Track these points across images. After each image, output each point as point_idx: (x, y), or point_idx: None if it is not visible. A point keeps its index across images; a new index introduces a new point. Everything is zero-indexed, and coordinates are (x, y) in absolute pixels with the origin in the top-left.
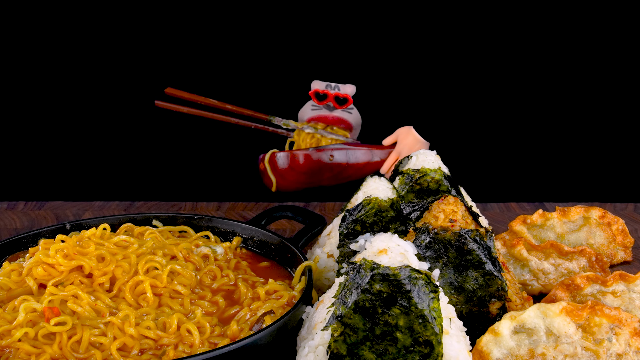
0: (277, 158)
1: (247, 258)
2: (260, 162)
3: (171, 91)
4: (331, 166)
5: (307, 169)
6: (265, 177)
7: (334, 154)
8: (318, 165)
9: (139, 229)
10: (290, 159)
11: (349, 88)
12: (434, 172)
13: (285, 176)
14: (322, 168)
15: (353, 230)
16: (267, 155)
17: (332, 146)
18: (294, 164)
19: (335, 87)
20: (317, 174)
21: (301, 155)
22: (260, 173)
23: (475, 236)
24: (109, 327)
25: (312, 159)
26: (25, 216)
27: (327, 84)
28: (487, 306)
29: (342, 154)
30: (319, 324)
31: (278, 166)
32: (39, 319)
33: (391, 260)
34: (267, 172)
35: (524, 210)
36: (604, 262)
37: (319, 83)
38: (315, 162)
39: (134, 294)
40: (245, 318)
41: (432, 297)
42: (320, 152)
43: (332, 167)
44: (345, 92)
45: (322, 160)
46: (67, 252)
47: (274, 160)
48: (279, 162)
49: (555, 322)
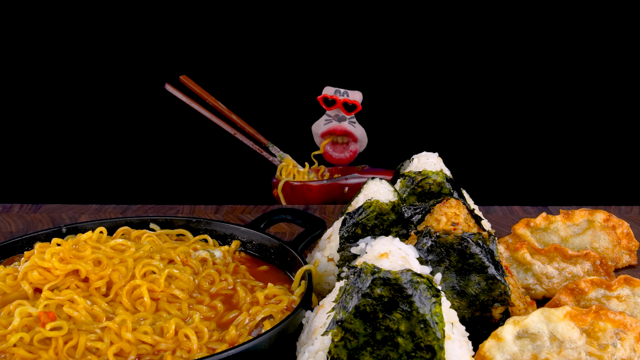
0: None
1: (245, 262)
2: (274, 188)
3: (185, 80)
4: (345, 198)
5: (319, 200)
6: (279, 203)
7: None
8: (332, 197)
9: (136, 232)
10: (304, 190)
11: (358, 95)
12: (435, 175)
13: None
14: (337, 200)
15: (354, 233)
16: (281, 184)
17: (345, 178)
18: (307, 196)
19: (344, 92)
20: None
21: (314, 188)
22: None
23: (477, 240)
24: (106, 332)
25: (325, 190)
26: (21, 219)
27: (336, 89)
28: (490, 311)
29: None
30: (319, 328)
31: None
32: (35, 324)
33: (392, 264)
34: (279, 200)
35: (527, 214)
36: (608, 266)
37: (329, 89)
38: (329, 194)
39: (131, 298)
40: (244, 323)
41: (434, 302)
42: (335, 184)
43: (346, 198)
44: (354, 98)
45: (336, 192)
46: (63, 256)
47: (287, 189)
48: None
49: (559, 327)
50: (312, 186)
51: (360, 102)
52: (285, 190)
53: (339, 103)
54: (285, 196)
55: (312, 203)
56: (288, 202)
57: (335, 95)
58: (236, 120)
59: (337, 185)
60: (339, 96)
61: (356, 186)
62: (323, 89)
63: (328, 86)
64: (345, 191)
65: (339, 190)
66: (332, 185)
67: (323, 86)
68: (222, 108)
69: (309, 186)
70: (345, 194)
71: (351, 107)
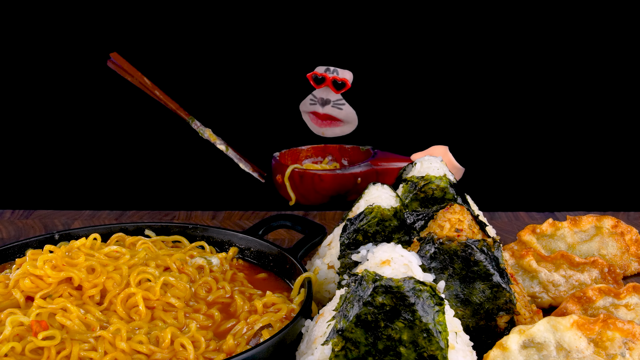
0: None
1: (243, 269)
2: (278, 174)
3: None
4: (358, 188)
5: (332, 192)
6: (283, 190)
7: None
8: (345, 188)
9: (131, 239)
10: (314, 180)
11: (348, 74)
12: (439, 180)
13: (306, 196)
14: (350, 191)
15: (354, 240)
16: (288, 171)
17: (359, 166)
18: (318, 187)
19: (334, 70)
20: (342, 196)
21: (326, 178)
22: (276, 184)
23: (482, 246)
24: (100, 341)
25: (338, 181)
26: (12, 225)
27: (326, 67)
28: (495, 319)
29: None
30: (319, 338)
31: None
32: (26, 333)
33: (394, 272)
34: (285, 188)
35: (533, 220)
36: (616, 273)
37: (320, 68)
38: (341, 185)
39: (125, 306)
40: (242, 332)
41: (437, 310)
42: (348, 174)
43: (359, 189)
44: (343, 76)
45: (349, 183)
46: (55, 263)
47: (296, 178)
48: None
49: (566, 336)
50: (324, 176)
51: (350, 81)
52: (294, 179)
53: (328, 81)
54: (292, 185)
55: (324, 194)
56: (295, 191)
57: (325, 73)
58: (159, 96)
59: (350, 176)
60: (329, 74)
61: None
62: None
63: (320, 65)
64: (358, 181)
65: (352, 180)
66: (344, 175)
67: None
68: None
69: (321, 176)
70: (358, 185)
71: (340, 85)
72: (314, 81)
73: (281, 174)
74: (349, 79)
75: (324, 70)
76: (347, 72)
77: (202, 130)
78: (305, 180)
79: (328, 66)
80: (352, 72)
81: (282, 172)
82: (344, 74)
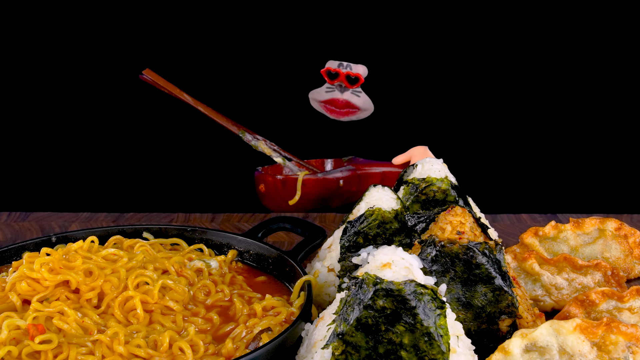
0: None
1: (243, 272)
2: (260, 183)
3: (149, 74)
4: (341, 192)
5: (315, 195)
6: (266, 200)
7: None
8: (328, 192)
9: (129, 241)
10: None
11: (361, 68)
12: (440, 182)
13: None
14: (333, 194)
15: (355, 242)
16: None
17: (340, 170)
18: (302, 190)
19: (347, 66)
20: (326, 201)
21: (309, 182)
22: (259, 194)
23: (484, 249)
24: (97, 345)
25: (321, 185)
26: (8, 228)
27: (339, 63)
28: (497, 323)
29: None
30: (319, 342)
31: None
32: (23, 337)
33: (395, 275)
34: (267, 196)
35: (535, 222)
36: (620, 276)
37: (333, 62)
38: (324, 188)
39: (123, 310)
40: (241, 336)
41: (438, 314)
42: (330, 178)
43: (342, 193)
44: (357, 71)
45: (332, 186)
46: (52, 266)
47: (279, 185)
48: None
49: (569, 340)
50: (306, 180)
51: (364, 75)
52: (277, 187)
53: (342, 76)
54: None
55: (308, 198)
56: (279, 198)
57: (339, 69)
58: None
59: (333, 180)
60: (342, 69)
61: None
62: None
63: (331, 60)
64: (340, 184)
65: (335, 184)
66: (326, 179)
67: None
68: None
69: (303, 181)
70: (340, 187)
71: (354, 80)
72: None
73: (264, 183)
74: (363, 73)
75: (337, 65)
76: (360, 67)
77: (256, 142)
78: (288, 186)
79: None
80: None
81: (264, 182)
82: (357, 69)
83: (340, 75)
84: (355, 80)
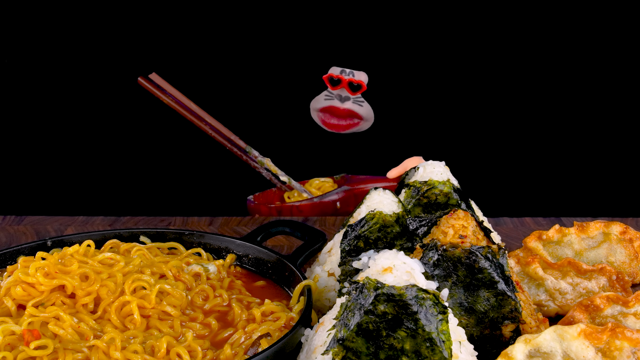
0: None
1: (241, 277)
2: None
3: (155, 78)
4: (339, 214)
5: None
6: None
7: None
8: (325, 215)
9: (126, 245)
10: (293, 211)
11: (363, 75)
12: (442, 185)
13: None
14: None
15: (355, 246)
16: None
17: (335, 192)
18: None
19: (349, 72)
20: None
21: (305, 208)
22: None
23: (487, 253)
24: (93, 351)
25: (317, 209)
26: (3, 232)
27: (342, 69)
28: (500, 328)
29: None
30: (319, 347)
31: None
32: (18, 342)
33: (396, 279)
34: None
35: (539, 226)
36: (625, 281)
37: (335, 69)
38: (322, 213)
39: (120, 315)
40: (240, 341)
41: (440, 319)
42: (326, 202)
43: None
44: (359, 78)
45: (328, 209)
46: (48, 271)
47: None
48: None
49: (573, 345)
50: (302, 206)
51: (365, 82)
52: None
53: (344, 83)
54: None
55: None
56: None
57: (341, 75)
58: (210, 123)
59: (329, 203)
60: (345, 76)
61: (347, 198)
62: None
63: (334, 66)
64: (338, 207)
65: (331, 206)
66: (322, 202)
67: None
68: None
69: (299, 207)
70: (338, 209)
71: (356, 87)
72: (330, 83)
73: (258, 214)
74: (365, 80)
75: (339, 72)
76: (362, 74)
77: (262, 159)
78: (284, 214)
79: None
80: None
81: (259, 212)
82: (360, 76)
83: (343, 82)
84: (357, 87)
